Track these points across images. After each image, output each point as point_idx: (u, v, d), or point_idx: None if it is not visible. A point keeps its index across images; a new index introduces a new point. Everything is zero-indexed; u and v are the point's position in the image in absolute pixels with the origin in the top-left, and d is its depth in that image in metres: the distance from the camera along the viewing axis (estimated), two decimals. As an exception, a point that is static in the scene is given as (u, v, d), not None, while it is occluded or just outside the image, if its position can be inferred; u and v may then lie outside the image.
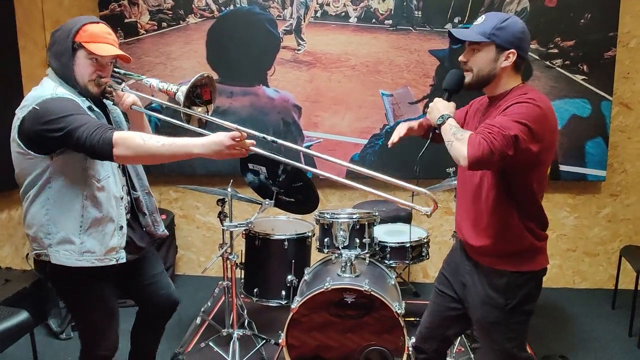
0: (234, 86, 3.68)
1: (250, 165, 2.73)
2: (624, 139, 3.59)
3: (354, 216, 2.66)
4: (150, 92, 1.95)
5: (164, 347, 2.32)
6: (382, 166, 3.56)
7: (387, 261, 2.89)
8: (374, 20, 3.57)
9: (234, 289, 2.66)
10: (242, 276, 2.91)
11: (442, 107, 1.71)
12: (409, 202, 1.51)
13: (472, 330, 2.74)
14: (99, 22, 1.79)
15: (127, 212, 1.94)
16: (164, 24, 3.70)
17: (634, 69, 3.49)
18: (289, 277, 2.76)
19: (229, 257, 2.64)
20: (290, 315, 2.38)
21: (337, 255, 2.64)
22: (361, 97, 3.63)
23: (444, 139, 1.63)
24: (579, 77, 3.45)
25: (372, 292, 2.31)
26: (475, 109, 1.87)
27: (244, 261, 2.89)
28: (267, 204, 2.57)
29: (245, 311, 2.97)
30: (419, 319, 2.14)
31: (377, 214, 2.76)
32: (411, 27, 3.54)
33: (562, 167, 3.55)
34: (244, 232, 2.82)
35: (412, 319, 2.96)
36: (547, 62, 3.46)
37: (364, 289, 2.31)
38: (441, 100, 1.75)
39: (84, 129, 1.60)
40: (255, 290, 2.82)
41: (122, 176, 1.92)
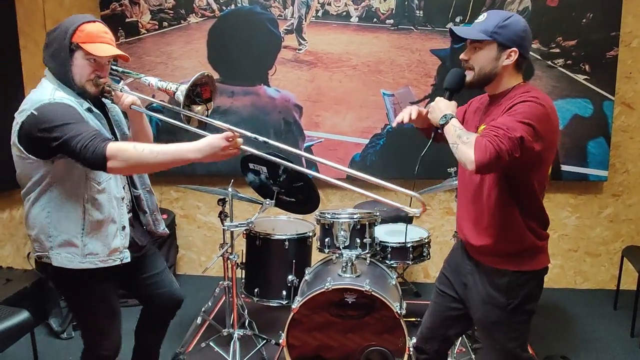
0: (235, 86, 3.68)
1: (251, 165, 2.72)
2: (626, 139, 3.58)
3: (355, 216, 2.66)
4: (149, 90, 1.94)
5: (164, 347, 2.32)
6: (383, 166, 3.54)
7: (388, 261, 2.89)
8: (375, 19, 3.56)
9: (234, 288, 2.67)
10: (243, 276, 2.90)
11: (443, 107, 1.70)
12: (396, 203, 1.49)
13: (474, 330, 2.74)
14: (95, 21, 1.76)
15: (128, 211, 1.93)
16: (165, 24, 3.70)
17: (636, 69, 3.48)
18: (290, 277, 2.75)
19: (230, 257, 2.64)
20: (290, 315, 2.37)
21: (337, 255, 2.64)
22: (362, 97, 3.62)
23: (448, 140, 1.62)
24: (580, 77, 3.44)
25: (372, 292, 2.30)
26: (475, 108, 1.86)
27: (244, 261, 2.89)
28: (268, 203, 2.57)
29: (245, 311, 2.97)
30: (420, 319, 2.13)
31: (378, 214, 2.75)
32: (412, 27, 3.54)
33: (564, 167, 3.54)
34: (245, 232, 2.82)
35: (413, 319, 2.95)
36: (549, 62, 3.45)
37: (364, 289, 2.30)
38: (442, 99, 1.73)
39: (78, 139, 1.58)
40: (255, 290, 2.81)
41: (123, 175, 1.91)
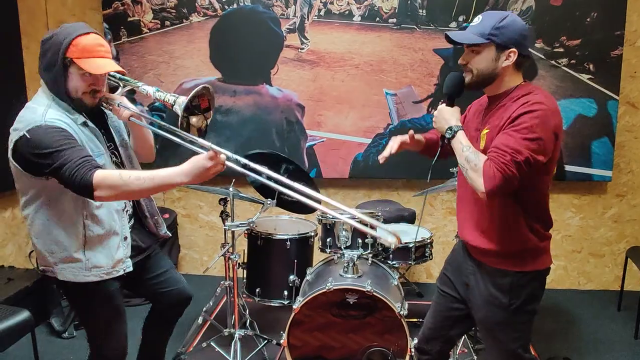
0: (237, 85, 3.68)
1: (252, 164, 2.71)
2: (631, 139, 3.55)
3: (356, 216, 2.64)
4: (147, 98, 1.91)
5: (165, 346, 2.32)
6: (386, 165, 3.47)
7: (390, 261, 2.87)
8: (378, 18, 3.55)
9: (235, 288, 2.66)
10: (244, 276, 2.90)
11: (448, 116, 1.68)
12: (373, 231, 1.48)
13: (476, 331, 2.73)
14: (89, 33, 1.70)
15: (129, 219, 1.93)
16: (167, 23, 3.69)
17: (641, 68, 3.46)
18: (291, 277, 2.74)
19: (231, 256, 2.63)
20: (292, 315, 2.36)
21: (339, 255, 2.63)
22: (365, 96, 3.61)
23: (457, 159, 1.63)
24: (584, 77, 3.42)
25: (374, 293, 2.29)
26: (474, 111, 1.84)
27: (246, 261, 2.88)
28: (269, 203, 2.57)
29: (247, 311, 2.97)
30: (421, 320, 2.12)
31: (380, 214, 2.74)
32: (415, 26, 3.52)
33: (568, 167, 3.52)
34: (246, 231, 2.81)
35: (415, 320, 2.94)
36: (553, 62, 3.43)
37: (366, 290, 2.29)
38: (445, 107, 1.71)
39: (66, 167, 1.56)
40: (257, 290, 2.81)
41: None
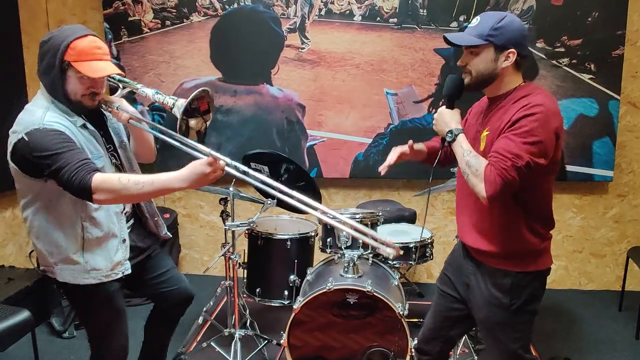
0: (238, 85, 3.67)
1: (252, 164, 2.71)
2: (632, 139, 3.54)
3: (358, 216, 2.64)
4: (146, 101, 1.91)
5: (165, 346, 2.32)
6: (387, 166, 3.51)
7: (390, 262, 2.86)
8: (378, 18, 3.54)
9: (236, 288, 2.66)
10: (245, 276, 2.89)
11: (448, 118, 1.68)
12: (373, 242, 1.47)
13: (476, 331, 2.72)
14: (87, 35, 1.69)
15: (128, 220, 1.92)
16: (168, 23, 3.69)
17: (642, 68, 3.45)
18: (292, 277, 2.74)
19: (232, 256, 2.63)
20: (292, 315, 2.36)
21: (339, 255, 2.62)
22: (365, 96, 3.61)
23: (458, 163, 1.64)
24: (586, 76, 3.41)
25: (374, 293, 2.28)
26: (475, 113, 1.84)
27: (246, 261, 2.88)
28: (270, 203, 2.56)
29: (247, 311, 2.96)
30: (422, 320, 2.12)
31: (380, 214, 2.74)
32: (416, 26, 3.51)
33: (569, 167, 3.51)
34: (247, 231, 2.81)
35: (416, 320, 2.93)
36: (554, 61, 3.42)
37: (366, 290, 2.29)
38: (445, 110, 1.70)
39: (65, 170, 1.56)
40: (257, 290, 2.80)
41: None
